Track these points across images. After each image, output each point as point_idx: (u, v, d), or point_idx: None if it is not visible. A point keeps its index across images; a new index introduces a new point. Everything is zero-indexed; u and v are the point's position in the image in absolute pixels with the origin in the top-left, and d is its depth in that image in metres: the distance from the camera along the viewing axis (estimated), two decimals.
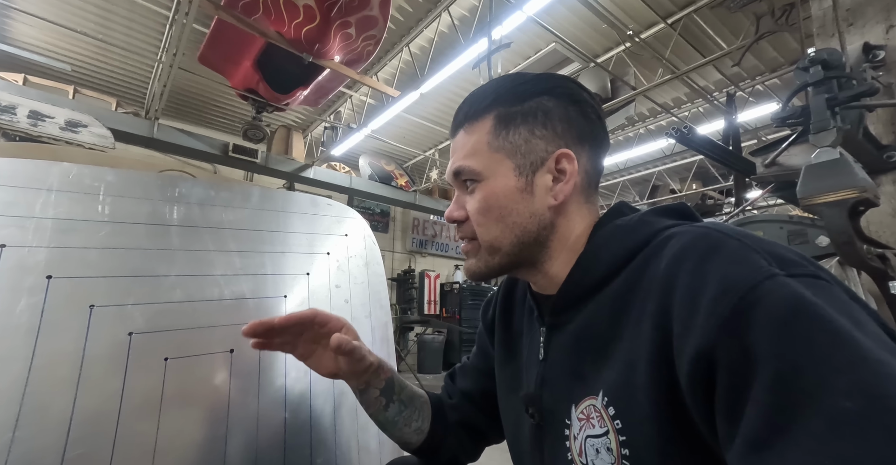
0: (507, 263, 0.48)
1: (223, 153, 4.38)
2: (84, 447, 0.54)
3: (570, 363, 0.44)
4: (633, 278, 0.40)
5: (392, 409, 0.60)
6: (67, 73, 4.61)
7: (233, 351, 0.73)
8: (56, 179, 0.64)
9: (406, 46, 4.41)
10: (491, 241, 0.47)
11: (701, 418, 0.31)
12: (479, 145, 0.48)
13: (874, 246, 1.04)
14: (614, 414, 0.37)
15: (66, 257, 0.61)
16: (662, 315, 0.34)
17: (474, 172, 0.48)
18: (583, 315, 0.44)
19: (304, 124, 6.26)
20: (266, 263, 0.83)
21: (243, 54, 3.42)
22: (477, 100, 0.50)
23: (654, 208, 0.45)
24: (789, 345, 0.26)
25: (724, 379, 0.29)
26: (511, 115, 0.47)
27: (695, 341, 0.30)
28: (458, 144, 0.50)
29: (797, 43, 3.94)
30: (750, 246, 0.33)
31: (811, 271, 0.30)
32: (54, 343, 0.57)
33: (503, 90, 0.49)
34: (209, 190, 0.82)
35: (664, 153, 6.49)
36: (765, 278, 0.29)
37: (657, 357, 0.34)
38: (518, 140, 0.47)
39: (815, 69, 1.05)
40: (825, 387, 0.25)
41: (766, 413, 0.26)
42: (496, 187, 0.47)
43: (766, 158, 1.35)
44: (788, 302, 0.28)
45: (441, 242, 8.43)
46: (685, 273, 0.34)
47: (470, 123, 0.49)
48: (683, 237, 0.37)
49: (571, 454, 0.42)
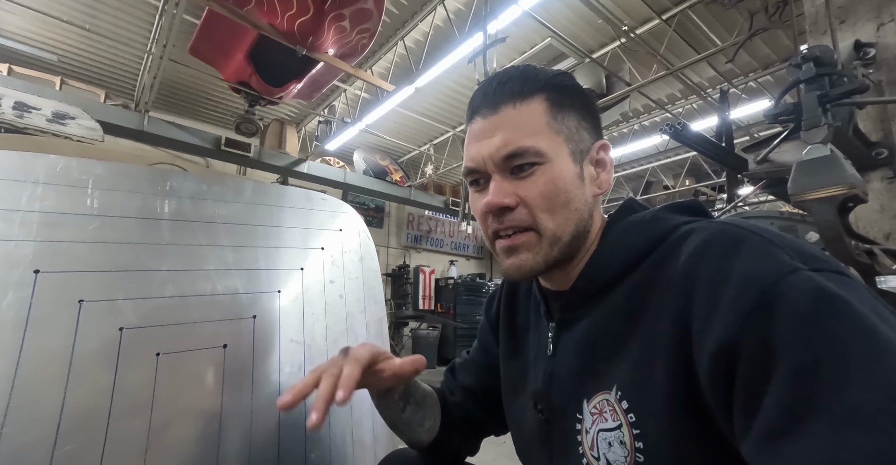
0: (560, 256, 0.45)
1: (215, 147, 4.33)
2: (75, 442, 0.54)
3: (581, 359, 0.44)
4: (649, 274, 0.39)
5: (408, 411, 0.58)
6: (54, 64, 4.51)
7: (226, 346, 0.72)
8: (42, 171, 0.63)
9: (401, 40, 4.37)
10: (555, 229, 0.44)
11: (720, 412, 0.31)
12: (539, 125, 0.44)
13: (862, 242, 1.05)
14: (627, 408, 0.37)
15: (54, 252, 0.60)
16: (681, 311, 0.34)
17: (540, 153, 0.43)
18: (596, 312, 0.43)
19: (297, 118, 6.20)
20: (259, 258, 0.83)
21: (235, 46, 3.37)
22: (526, 78, 0.46)
23: (667, 205, 0.45)
24: (812, 337, 0.26)
25: (744, 373, 0.28)
26: (562, 100, 0.45)
27: (716, 335, 0.30)
28: (506, 120, 0.44)
29: (790, 40, 3.97)
30: (772, 241, 0.32)
31: (835, 267, 0.30)
32: (43, 338, 0.56)
33: (549, 75, 0.46)
34: (201, 184, 0.81)
35: (658, 149, 6.53)
36: (788, 273, 0.29)
37: (675, 353, 0.34)
38: (571, 125, 0.45)
39: (808, 66, 1.06)
40: (846, 379, 0.24)
41: (784, 403, 0.26)
42: (562, 171, 0.44)
43: (757, 155, 1.36)
44: (812, 295, 0.27)
45: (436, 237, 8.43)
46: (706, 269, 0.33)
47: (521, 99, 0.45)
48: (702, 233, 0.36)
49: (583, 448, 0.42)
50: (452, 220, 8.30)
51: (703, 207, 0.46)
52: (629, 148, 6.36)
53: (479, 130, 0.46)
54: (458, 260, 8.51)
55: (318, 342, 0.84)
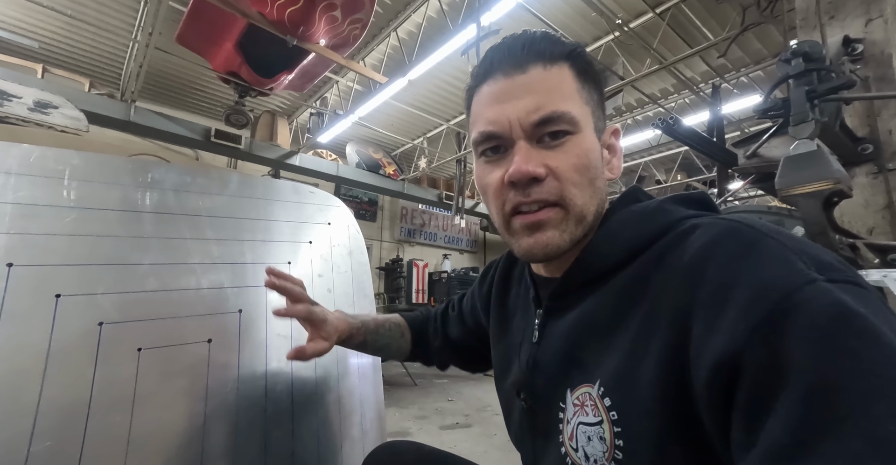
0: (581, 237, 0.42)
1: (205, 139, 4.26)
2: (51, 439, 0.53)
3: (566, 349, 0.42)
4: (646, 268, 0.37)
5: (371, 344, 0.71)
6: (35, 51, 4.37)
7: (211, 341, 0.71)
8: (15, 161, 0.61)
9: (394, 31, 4.31)
10: (583, 207, 0.40)
11: (712, 422, 0.29)
12: (571, 91, 0.40)
13: (846, 236, 1.07)
14: (610, 406, 0.36)
15: (29, 244, 0.58)
16: (681, 312, 0.32)
17: (574, 121, 0.39)
18: (586, 302, 0.41)
19: (289, 110, 6.11)
20: (246, 251, 0.82)
21: (224, 35, 3.29)
22: (554, 41, 0.42)
23: (673, 196, 0.43)
24: (830, 356, 0.24)
25: (748, 386, 0.27)
26: (586, 71, 0.42)
27: (720, 344, 0.28)
28: (537, 81, 0.40)
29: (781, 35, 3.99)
30: (787, 246, 0.30)
31: (851, 278, 0.28)
32: (17, 333, 0.55)
33: (574, 45, 0.42)
34: (184, 176, 0.79)
35: (650, 144, 6.56)
36: (804, 284, 0.27)
37: (670, 354, 0.32)
38: (595, 99, 0.42)
39: (797, 61, 1.06)
40: (868, 406, 0.22)
41: (795, 426, 0.24)
42: (591, 144, 0.41)
43: (747, 150, 1.37)
44: (830, 310, 0.25)
45: (429, 231, 8.41)
46: (713, 270, 0.31)
47: (551, 61, 0.40)
48: (711, 230, 0.34)
49: (563, 437, 0.41)
50: (446, 214, 8.29)
51: (711, 201, 0.42)
52: (622, 142, 6.34)
53: (503, 90, 0.40)
54: (451, 254, 8.52)
55: (305, 337, 0.83)
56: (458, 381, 4.17)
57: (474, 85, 0.44)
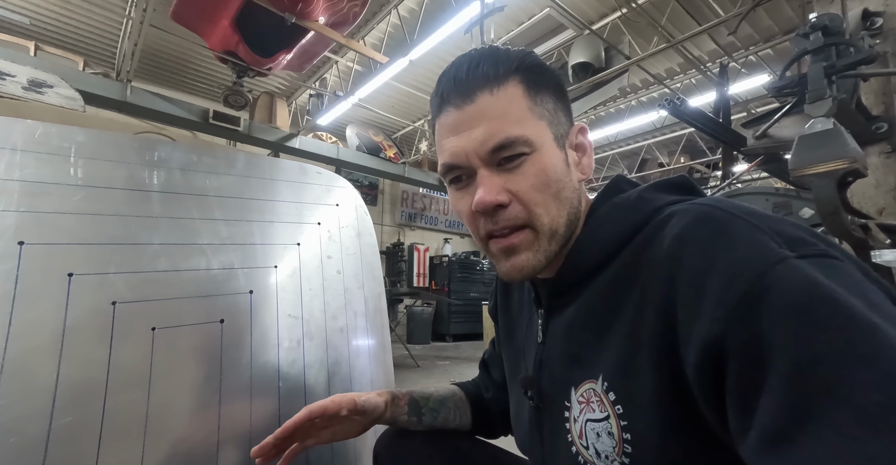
0: (559, 249, 0.43)
1: (203, 120, 4.18)
2: (72, 415, 0.54)
3: (568, 346, 0.43)
4: (632, 259, 0.38)
5: (426, 420, 0.62)
6: (26, 27, 4.26)
7: (223, 321, 0.71)
8: (20, 137, 0.59)
9: (394, 9, 4.18)
10: (551, 223, 0.41)
11: (709, 407, 0.30)
12: (522, 111, 0.41)
13: (857, 216, 1.06)
14: (615, 400, 0.37)
15: (39, 223, 0.58)
16: (665, 300, 0.33)
17: (528, 142, 0.40)
18: (581, 298, 0.42)
19: (288, 91, 5.99)
20: (255, 232, 0.81)
21: (220, 12, 3.19)
22: (498, 59, 0.42)
23: (654, 183, 0.43)
24: (806, 333, 0.25)
25: (735, 369, 0.27)
26: (537, 81, 0.43)
27: (702, 329, 0.29)
28: (485, 109, 0.41)
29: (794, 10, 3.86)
30: (757, 226, 0.31)
31: (822, 250, 0.29)
32: (32, 311, 0.55)
33: (520, 55, 0.43)
34: (191, 155, 0.78)
35: (654, 126, 6.46)
36: (775, 262, 0.28)
37: (661, 343, 0.33)
38: (549, 108, 0.43)
39: (815, 36, 1.02)
40: (849, 378, 0.23)
41: (784, 405, 0.25)
42: (551, 158, 0.41)
43: (757, 130, 1.34)
44: (801, 287, 0.26)
45: (430, 215, 8.39)
46: (690, 256, 0.32)
47: (496, 84, 0.41)
48: (686, 216, 0.35)
49: (571, 436, 0.42)
50: (447, 198, 8.24)
51: (691, 184, 0.43)
52: (626, 124, 6.29)
53: (455, 122, 0.42)
54: (452, 238, 8.53)
55: (316, 318, 0.84)
56: (459, 363, 4.24)
57: (434, 116, 0.46)
